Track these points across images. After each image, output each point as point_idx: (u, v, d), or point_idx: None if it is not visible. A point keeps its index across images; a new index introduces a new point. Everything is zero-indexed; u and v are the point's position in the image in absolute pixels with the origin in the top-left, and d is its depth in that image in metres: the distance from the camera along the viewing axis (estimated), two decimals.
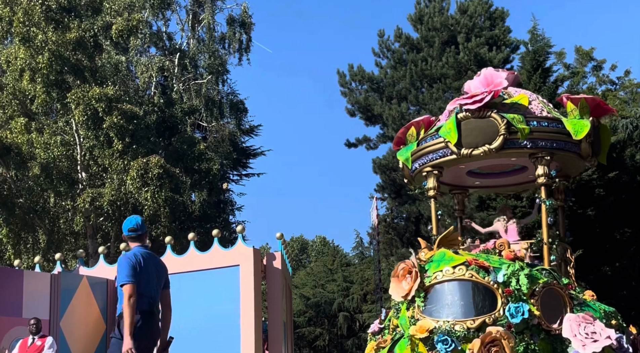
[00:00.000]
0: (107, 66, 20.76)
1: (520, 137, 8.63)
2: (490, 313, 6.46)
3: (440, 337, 6.32)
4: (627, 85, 29.75)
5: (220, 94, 24.65)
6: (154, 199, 17.87)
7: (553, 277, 6.87)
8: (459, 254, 6.99)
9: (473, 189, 11.22)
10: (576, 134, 8.74)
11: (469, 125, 8.80)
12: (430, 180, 9.37)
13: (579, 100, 9.01)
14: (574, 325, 6.43)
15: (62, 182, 18.57)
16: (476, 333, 6.34)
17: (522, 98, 9.04)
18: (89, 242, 19.10)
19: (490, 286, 6.58)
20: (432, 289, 6.77)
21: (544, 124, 8.85)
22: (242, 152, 26.53)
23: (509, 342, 6.21)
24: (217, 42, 25.13)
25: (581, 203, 17.59)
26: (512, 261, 6.86)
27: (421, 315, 6.64)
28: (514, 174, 10.34)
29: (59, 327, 10.72)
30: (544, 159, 8.82)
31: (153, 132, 20.20)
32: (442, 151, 9.16)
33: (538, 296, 6.58)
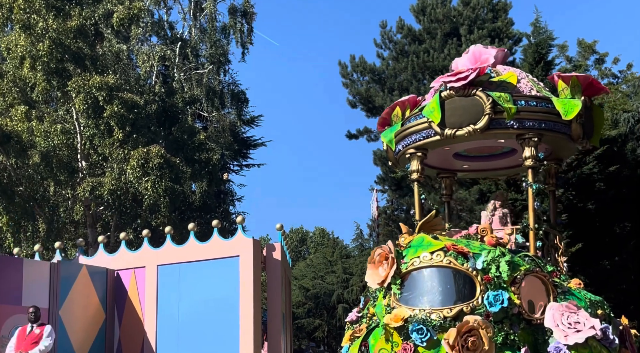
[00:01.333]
0: (108, 55, 20.69)
1: (506, 116, 8.20)
2: (468, 301, 6.17)
3: (416, 326, 6.08)
4: (629, 78, 29.64)
5: (222, 84, 24.60)
6: (154, 189, 17.85)
7: (536, 264, 6.57)
8: (438, 240, 6.69)
9: (461, 173, 10.77)
10: (566, 113, 8.30)
11: (453, 104, 8.36)
12: (414, 163, 8.97)
13: (570, 79, 8.60)
14: (556, 315, 6.15)
15: (62, 170, 18.55)
16: (453, 322, 6.07)
17: (510, 76, 8.60)
18: (89, 231, 19.11)
19: (468, 273, 6.29)
20: (409, 276, 6.50)
21: (532, 103, 8.41)
22: (242, 142, 26.51)
23: (487, 331, 5.95)
24: (218, 31, 25.03)
25: (581, 197, 17.57)
26: (493, 247, 6.55)
27: (397, 303, 6.37)
28: (503, 157, 9.92)
29: (58, 316, 10.73)
30: (531, 140, 8.39)
31: (153, 122, 20.15)
32: (426, 132, 8.74)
33: (519, 284, 6.28)
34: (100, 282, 11.53)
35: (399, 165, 9.63)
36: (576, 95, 8.51)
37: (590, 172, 17.58)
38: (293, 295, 25.73)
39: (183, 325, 10.92)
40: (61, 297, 10.86)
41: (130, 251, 11.86)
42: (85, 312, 11.23)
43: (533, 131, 8.33)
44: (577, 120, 8.41)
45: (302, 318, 29.77)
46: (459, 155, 9.80)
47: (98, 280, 11.49)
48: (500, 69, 8.89)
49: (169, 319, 11.05)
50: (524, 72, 9.17)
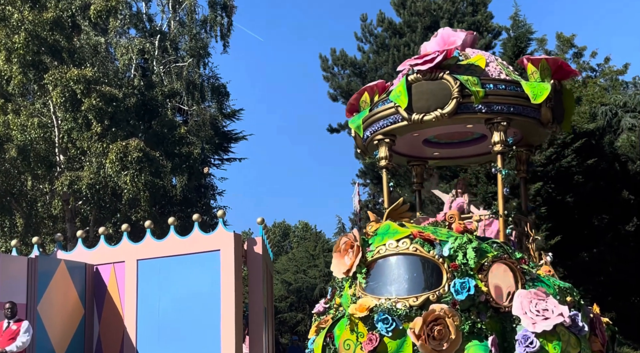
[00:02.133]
0: (85, 47, 20.42)
1: (474, 100, 7.99)
2: (434, 289, 6.02)
3: (381, 315, 5.92)
4: (607, 72, 30.00)
5: (202, 77, 24.42)
6: (133, 183, 17.69)
7: (504, 251, 6.39)
8: (405, 227, 6.50)
9: (432, 161, 10.56)
10: (535, 97, 8.11)
11: (420, 88, 8.13)
12: (382, 149, 8.72)
13: (540, 61, 8.39)
14: (524, 302, 6.00)
15: (39, 164, 18.31)
16: (419, 311, 5.92)
17: (479, 59, 8.38)
18: (67, 225, 18.89)
19: (435, 260, 6.14)
20: (375, 264, 6.32)
21: (500, 86, 8.21)
22: (223, 136, 26.37)
23: (454, 320, 5.81)
24: (198, 25, 24.82)
25: (560, 190, 17.76)
26: (461, 234, 6.38)
27: (363, 292, 6.22)
28: (474, 143, 9.74)
29: (36, 311, 10.60)
30: (500, 124, 8.20)
31: (133, 115, 19.94)
32: (393, 117, 8.51)
33: (486, 271, 6.13)
34: (79, 277, 11.41)
35: (367, 152, 9.43)
36: (545, 79, 8.35)
37: (568, 165, 17.76)
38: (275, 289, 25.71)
39: (163, 320, 10.85)
40: (39, 292, 10.72)
41: (110, 246, 11.75)
42: (63, 308, 11.11)
43: (502, 115, 8.18)
44: (547, 104, 8.26)
45: (285, 312, 29.78)
46: (429, 142, 9.63)
47: (77, 275, 11.36)
48: (469, 52, 8.72)
49: (150, 314, 10.97)
50: (493, 56, 8.98)
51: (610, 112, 24.50)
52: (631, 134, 22.32)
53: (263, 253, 11.31)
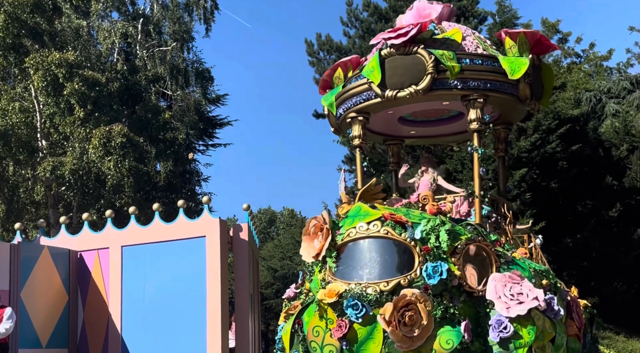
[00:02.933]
0: (67, 31, 20.10)
1: (449, 76, 7.63)
2: (406, 274, 5.74)
3: (350, 301, 5.64)
4: (591, 58, 30.16)
5: (186, 62, 24.16)
6: (117, 169, 17.51)
7: (478, 233, 6.11)
8: (376, 209, 6.19)
9: (409, 139, 10.19)
10: (513, 72, 7.77)
11: (394, 63, 7.76)
12: (356, 128, 8.36)
13: (518, 35, 8.07)
14: (498, 286, 5.74)
15: (21, 150, 18.07)
16: (390, 296, 5.63)
17: (455, 33, 8.04)
18: (50, 211, 18.70)
19: (406, 243, 5.84)
20: (345, 248, 6.02)
21: (477, 61, 7.85)
22: (208, 121, 26.17)
23: (426, 305, 5.55)
24: (181, 8, 24.51)
25: (545, 176, 17.87)
26: (434, 216, 6.09)
27: (333, 277, 5.91)
28: (451, 121, 9.37)
29: (19, 298, 10.48)
30: (476, 101, 7.85)
31: (116, 100, 19.71)
32: (366, 94, 8.11)
33: (460, 254, 5.85)
34: (63, 263, 11.28)
35: (341, 131, 9.09)
36: (524, 53, 8.04)
37: (553, 151, 17.86)
38: (261, 276, 25.69)
39: (149, 307, 10.78)
40: (22, 279, 10.59)
41: (94, 232, 11.62)
42: (47, 294, 11.00)
43: (478, 92, 7.85)
44: (525, 79, 7.95)
45: (271, 298, 29.82)
46: (405, 120, 9.30)
47: (60, 262, 11.24)
48: (446, 26, 8.39)
49: (134, 301, 10.89)
50: (471, 29, 8.70)
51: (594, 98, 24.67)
52: (615, 120, 22.49)
53: (249, 240, 11.25)
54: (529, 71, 7.93)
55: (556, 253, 15.62)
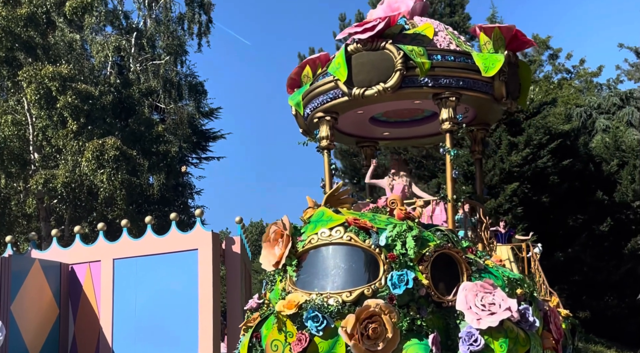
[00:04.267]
0: (60, 44, 20.13)
1: (419, 73, 7.22)
2: (370, 283, 5.31)
3: (310, 313, 5.21)
4: (582, 74, 30.48)
5: (179, 76, 24.23)
6: (110, 181, 17.48)
7: (448, 240, 5.71)
8: (340, 214, 5.78)
9: (383, 142, 9.71)
10: (487, 69, 7.37)
11: (360, 59, 7.34)
12: (323, 128, 7.94)
13: (493, 30, 7.67)
14: (469, 296, 5.35)
15: (13, 162, 18.02)
16: (353, 307, 5.22)
17: (426, 28, 7.63)
18: (42, 224, 18.61)
19: (371, 250, 5.43)
20: (307, 256, 5.59)
21: (449, 58, 7.46)
22: (201, 134, 26.20)
23: (391, 317, 5.14)
24: (175, 22, 24.62)
25: (536, 190, 17.98)
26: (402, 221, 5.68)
27: (293, 287, 5.49)
28: (425, 121, 8.89)
29: (9, 311, 10.41)
30: (448, 100, 7.44)
31: (109, 113, 19.72)
32: (333, 92, 7.68)
33: (428, 262, 5.44)
34: (54, 276, 11.23)
35: (310, 132, 8.61)
36: (499, 50, 7.66)
37: (544, 165, 17.99)
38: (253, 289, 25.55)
39: (140, 320, 10.73)
40: (12, 292, 10.53)
41: (86, 245, 11.59)
42: (38, 308, 10.93)
43: (450, 90, 7.47)
44: (500, 77, 7.57)
45: None
46: (377, 120, 8.87)
47: (51, 275, 11.19)
48: (417, 20, 7.97)
49: (126, 314, 10.84)
50: (444, 24, 8.31)
51: (585, 114, 24.90)
52: (605, 135, 22.68)
53: (241, 253, 11.25)
54: (504, 68, 7.56)
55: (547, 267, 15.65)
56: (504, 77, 7.67)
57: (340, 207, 5.96)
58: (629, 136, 21.84)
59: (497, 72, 7.49)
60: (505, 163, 17.80)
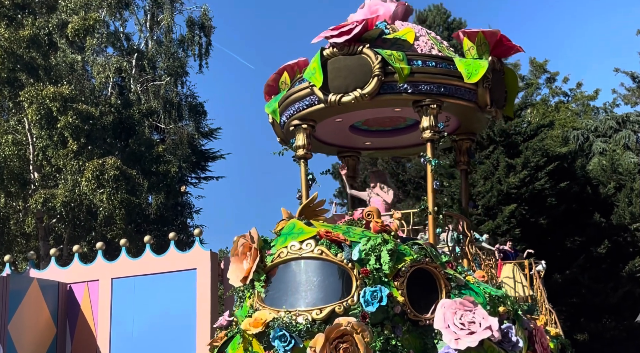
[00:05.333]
0: (62, 65, 20.32)
1: (398, 78, 6.89)
2: (341, 300, 4.96)
3: (278, 331, 4.85)
4: (578, 97, 30.73)
5: (179, 96, 24.40)
6: (109, 201, 17.54)
7: (426, 254, 5.34)
8: (312, 226, 5.43)
9: (365, 151, 9.26)
10: (469, 76, 7.03)
11: (337, 64, 7.01)
12: (300, 137, 7.57)
13: (476, 35, 7.33)
14: (448, 314, 5.00)
15: (13, 182, 18.09)
16: (323, 326, 4.88)
17: (407, 33, 7.29)
18: (41, 243, 18.62)
19: (343, 265, 5.07)
20: (276, 271, 5.26)
21: (430, 63, 7.11)
22: (201, 155, 26.29)
23: (363, 336, 4.78)
24: (176, 44, 24.87)
25: (534, 212, 18.06)
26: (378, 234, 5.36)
27: (261, 303, 5.15)
28: (408, 131, 8.46)
29: (6, 331, 10.40)
30: (429, 107, 7.10)
31: (109, 133, 19.85)
32: (309, 99, 7.35)
33: (404, 277, 5.08)
34: (52, 296, 11.23)
35: (288, 141, 8.23)
36: (483, 55, 7.34)
37: (542, 187, 18.09)
38: None
39: (138, 340, 10.71)
40: (10, 311, 10.53)
41: (84, 264, 11.61)
42: (35, 327, 10.92)
43: (431, 97, 7.12)
44: (483, 84, 7.22)
45: None
46: (357, 129, 8.51)
47: (49, 294, 11.19)
48: (398, 25, 7.66)
49: (124, 334, 10.83)
50: (426, 29, 7.97)
51: (582, 137, 25.06)
52: (602, 158, 22.80)
53: None
54: (487, 75, 7.27)
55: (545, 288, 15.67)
56: (488, 84, 7.33)
57: (316, 219, 5.63)
58: (625, 159, 21.96)
59: (481, 79, 7.20)
60: (503, 184, 17.90)
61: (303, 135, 7.67)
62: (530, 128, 19.28)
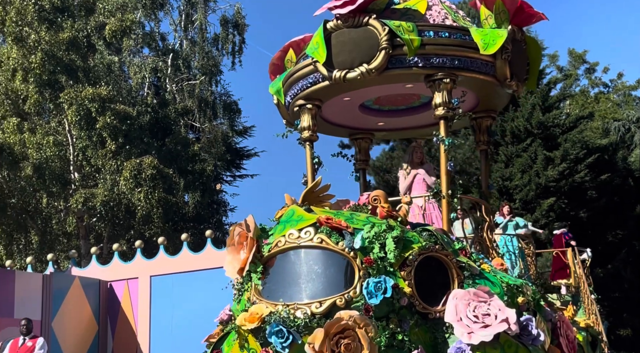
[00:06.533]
0: (100, 66, 20.71)
1: (407, 51, 6.33)
2: (343, 292, 4.56)
3: (274, 327, 4.46)
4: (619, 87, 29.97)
5: (214, 95, 24.63)
6: (147, 200, 17.84)
7: (436, 241, 4.92)
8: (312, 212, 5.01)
9: (378, 133, 8.59)
10: (486, 46, 6.43)
11: (341, 38, 6.46)
12: (305, 118, 7.03)
13: (494, 2, 6.73)
14: (460, 306, 4.58)
15: (54, 182, 18.51)
16: (323, 320, 4.46)
17: (418, 2, 6.72)
18: (82, 242, 19.03)
19: (344, 254, 4.66)
20: (274, 261, 4.87)
21: (443, 34, 6.51)
22: (235, 153, 26.49)
23: (367, 330, 4.38)
24: (210, 43, 25.09)
25: (573, 205, 17.69)
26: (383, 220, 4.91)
27: (258, 297, 4.78)
28: (423, 109, 7.73)
29: (50, 328, 10.67)
30: (442, 82, 6.51)
31: (146, 133, 20.16)
32: (313, 76, 6.80)
33: (411, 266, 4.67)
34: (93, 293, 11.48)
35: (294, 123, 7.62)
36: (503, 24, 6.72)
37: (582, 180, 17.71)
38: None
39: (177, 336, 10.86)
40: (54, 309, 10.80)
41: (123, 262, 11.82)
42: (78, 324, 11.17)
43: (444, 70, 6.51)
44: (502, 55, 6.61)
45: None
46: (368, 109, 7.85)
47: (91, 292, 11.43)
48: None
49: (163, 330, 11.00)
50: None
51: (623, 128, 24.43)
52: None
53: None
54: (506, 45, 6.59)
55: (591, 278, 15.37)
56: (507, 55, 6.69)
57: (320, 205, 5.20)
58: None
59: (499, 50, 6.58)
60: (541, 178, 17.59)
61: (308, 115, 7.09)
62: (569, 120, 18.89)
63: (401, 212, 5.09)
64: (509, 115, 18.66)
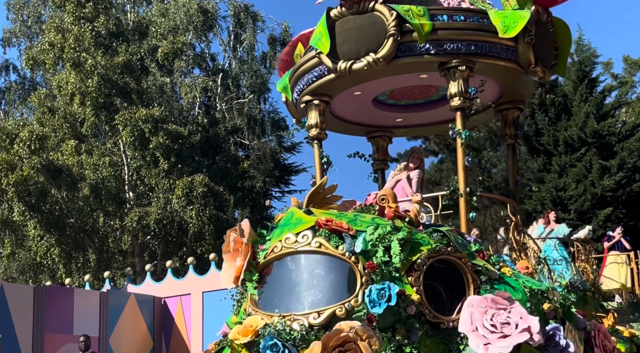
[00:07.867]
0: (152, 88, 21.29)
1: (418, 38, 5.81)
2: (343, 301, 4.14)
3: (268, 340, 4.04)
4: None
5: (262, 112, 24.96)
6: (198, 217, 18.16)
7: (448, 243, 4.44)
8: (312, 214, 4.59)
9: (397, 130, 7.99)
10: (506, 29, 5.84)
11: (345, 26, 5.96)
12: (312, 115, 6.56)
13: None
14: (476, 314, 4.09)
15: (110, 201, 19.04)
16: (322, 332, 4.06)
17: None
18: (137, 260, 19.48)
19: (345, 259, 4.24)
20: (271, 268, 4.50)
21: (458, 18, 5.93)
22: (283, 168, 26.72)
23: (370, 343, 3.95)
24: (258, 61, 25.49)
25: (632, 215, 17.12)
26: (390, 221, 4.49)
27: (254, 308, 4.41)
28: (443, 102, 6.95)
29: (108, 344, 10.93)
30: (457, 70, 5.95)
31: (197, 152, 20.58)
32: (318, 69, 6.33)
33: (420, 271, 4.22)
34: (148, 309, 11.72)
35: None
36: (525, 5, 6.13)
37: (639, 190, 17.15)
38: None
39: None
40: (110, 325, 11.06)
41: (176, 279, 12.04)
42: (133, 340, 11.41)
43: (459, 57, 5.95)
44: (524, 39, 6.01)
45: None
46: (383, 104, 7.26)
47: (146, 308, 11.67)
48: None
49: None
50: None
51: None
52: None
53: None
54: (529, 27, 5.98)
55: None
56: (530, 39, 6.09)
57: (326, 207, 4.81)
58: None
59: (520, 33, 5.98)
60: (597, 187, 17.11)
61: (316, 112, 6.57)
62: (625, 128, 18.34)
63: (411, 212, 4.66)
64: (561, 124, 18.26)
